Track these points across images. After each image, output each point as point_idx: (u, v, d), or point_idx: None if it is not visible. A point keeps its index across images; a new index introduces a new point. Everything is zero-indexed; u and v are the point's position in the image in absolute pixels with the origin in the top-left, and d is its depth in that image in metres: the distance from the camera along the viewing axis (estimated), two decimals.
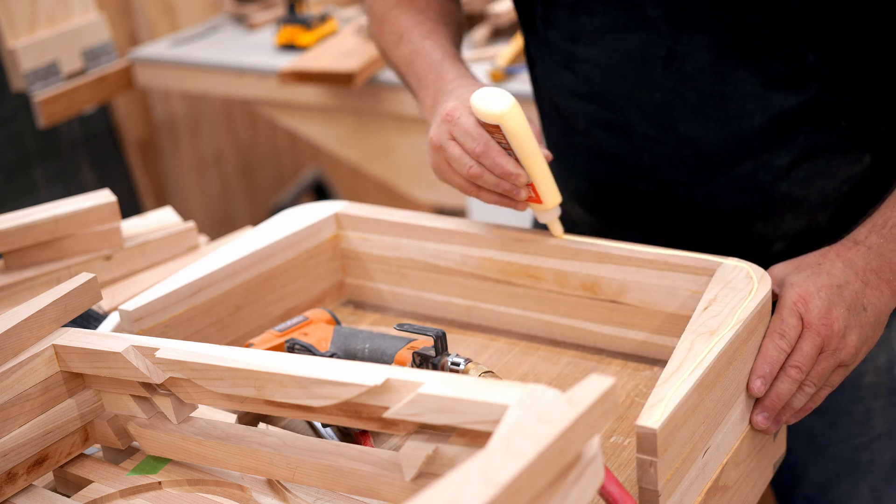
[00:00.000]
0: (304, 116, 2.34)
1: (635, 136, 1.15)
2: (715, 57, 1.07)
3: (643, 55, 1.10)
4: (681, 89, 1.10)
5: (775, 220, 1.14)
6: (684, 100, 1.10)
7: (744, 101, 1.08)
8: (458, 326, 1.15)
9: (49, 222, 1.19)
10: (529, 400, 0.67)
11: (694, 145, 1.12)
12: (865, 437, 1.23)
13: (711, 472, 0.86)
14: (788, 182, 1.11)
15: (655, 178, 1.16)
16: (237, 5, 2.69)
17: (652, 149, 1.14)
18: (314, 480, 0.81)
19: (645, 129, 1.14)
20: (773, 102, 1.08)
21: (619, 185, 1.19)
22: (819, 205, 1.13)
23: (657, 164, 1.15)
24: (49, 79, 2.35)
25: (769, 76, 1.07)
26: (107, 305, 1.16)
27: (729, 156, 1.11)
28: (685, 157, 1.13)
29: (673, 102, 1.11)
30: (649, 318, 1.03)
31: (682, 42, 1.08)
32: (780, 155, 1.10)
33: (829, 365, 0.95)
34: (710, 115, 1.10)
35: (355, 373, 0.75)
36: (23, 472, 0.86)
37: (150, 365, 0.84)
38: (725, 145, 1.11)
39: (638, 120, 1.14)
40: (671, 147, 1.13)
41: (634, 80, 1.12)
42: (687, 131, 1.12)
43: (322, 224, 1.18)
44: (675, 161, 1.14)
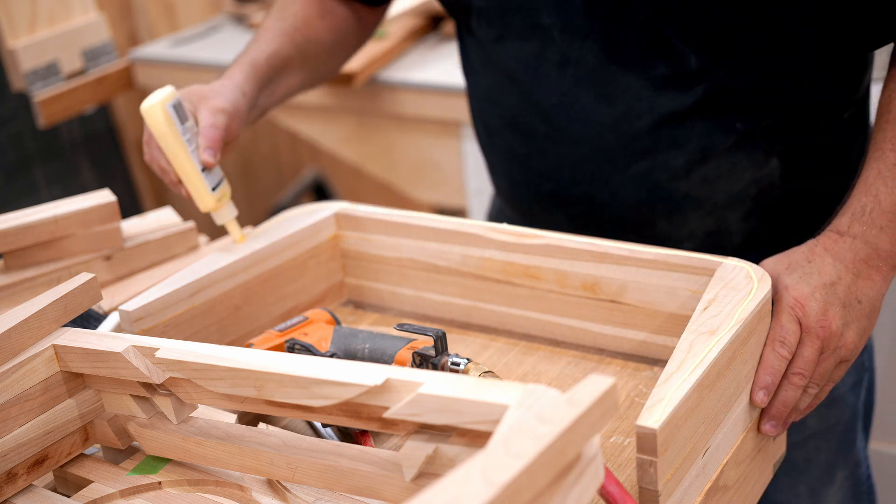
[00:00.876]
0: (304, 116, 2.34)
1: (537, 137, 1.20)
2: (604, 61, 1.11)
3: (539, 60, 1.15)
4: (574, 91, 1.14)
5: (678, 219, 1.17)
6: (578, 102, 1.14)
7: (632, 102, 1.12)
8: (458, 326, 1.15)
9: (49, 222, 1.19)
10: (529, 400, 0.67)
11: (589, 145, 1.16)
12: (799, 435, 1.24)
13: (711, 472, 0.86)
14: (689, 182, 1.14)
15: (558, 177, 1.20)
16: (237, 5, 2.69)
17: (552, 150, 1.19)
18: (314, 480, 0.81)
19: (545, 130, 1.18)
20: (661, 104, 1.11)
21: (531, 185, 1.24)
22: (726, 205, 1.16)
23: (559, 165, 1.20)
24: (49, 79, 2.35)
25: (655, 78, 1.10)
26: (107, 305, 1.16)
27: (623, 156, 1.15)
28: (583, 157, 1.17)
29: (568, 104, 1.15)
30: (649, 318, 1.03)
31: (573, 47, 1.12)
32: (674, 156, 1.13)
33: (830, 364, 0.96)
34: (602, 117, 1.14)
35: (355, 373, 0.75)
36: (23, 472, 0.86)
37: (150, 365, 0.84)
38: (619, 145, 1.14)
39: (537, 122, 1.18)
40: (569, 147, 1.17)
41: (532, 84, 1.17)
42: (582, 132, 1.16)
43: (322, 224, 1.18)
44: (573, 161, 1.18)
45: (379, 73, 2.18)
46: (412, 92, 2.12)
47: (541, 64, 1.15)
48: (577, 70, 1.13)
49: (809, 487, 1.26)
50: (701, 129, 1.12)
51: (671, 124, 1.12)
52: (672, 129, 1.12)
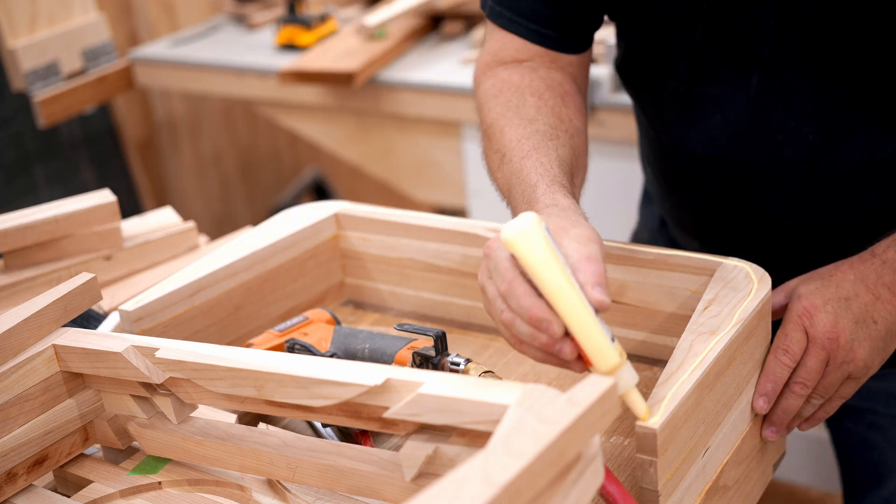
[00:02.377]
0: (304, 116, 2.34)
1: (756, 176, 1.11)
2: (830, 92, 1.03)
3: (764, 95, 1.06)
4: (803, 129, 1.06)
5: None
6: (807, 139, 1.06)
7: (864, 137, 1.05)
8: (458, 326, 1.15)
9: (49, 222, 1.19)
10: (529, 400, 0.67)
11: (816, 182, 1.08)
12: None
13: (711, 472, 0.86)
14: None
15: (772, 217, 1.13)
16: (237, 5, 2.69)
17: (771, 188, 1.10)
18: (314, 480, 0.81)
19: (767, 168, 1.09)
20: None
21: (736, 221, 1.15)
22: None
23: (778, 205, 1.11)
24: (49, 79, 2.35)
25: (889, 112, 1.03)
26: (107, 305, 1.16)
27: (853, 188, 1.08)
28: (806, 192, 1.09)
29: (796, 143, 1.07)
30: (649, 318, 1.03)
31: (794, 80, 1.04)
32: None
33: (836, 378, 0.95)
34: (833, 154, 1.06)
35: (355, 373, 0.75)
36: (23, 472, 0.86)
37: (150, 365, 0.84)
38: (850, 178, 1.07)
39: (759, 159, 1.09)
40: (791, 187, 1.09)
41: (754, 121, 1.07)
42: (809, 171, 1.07)
43: (322, 224, 1.18)
44: (795, 197, 1.10)
45: (379, 73, 2.17)
46: (412, 92, 2.12)
47: (765, 98, 1.06)
48: (806, 106, 1.04)
49: None
50: None
51: None
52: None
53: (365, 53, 2.18)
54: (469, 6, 2.29)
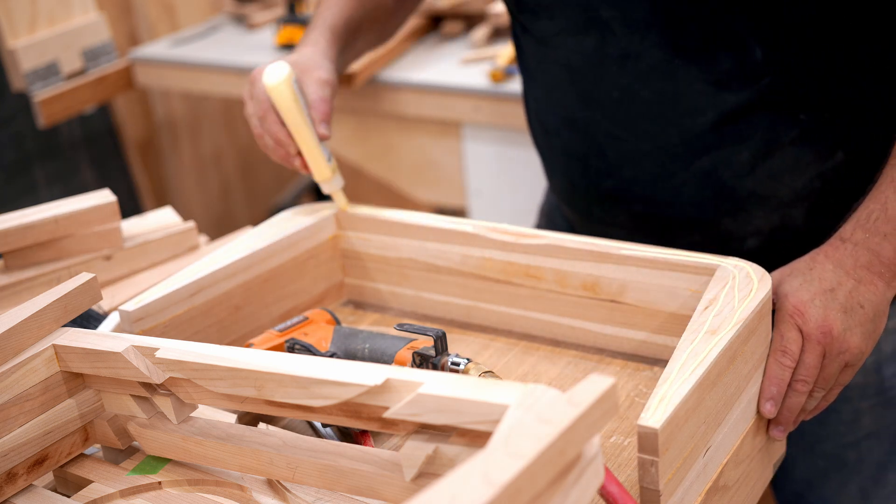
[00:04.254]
0: None
1: (598, 134, 1.17)
2: (666, 55, 1.09)
3: (600, 55, 1.13)
4: (635, 87, 1.12)
5: (743, 216, 1.15)
6: (639, 98, 1.12)
7: (695, 98, 1.10)
8: (458, 326, 1.15)
9: (49, 222, 1.19)
10: (529, 400, 0.67)
11: (651, 142, 1.14)
12: (853, 435, 1.23)
13: (712, 471, 0.86)
14: (753, 178, 1.12)
15: (620, 176, 1.18)
16: (237, 5, 2.69)
17: (614, 147, 1.17)
18: (314, 480, 0.81)
19: (606, 126, 1.16)
20: (725, 99, 1.09)
21: (590, 184, 1.22)
22: (791, 201, 1.14)
23: (620, 163, 1.17)
24: (49, 79, 2.35)
25: (718, 73, 1.08)
26: (107, 305, 1.16)
27: (686, 152, 1.13)
28: (644, 153, 1.15)
29: (629, 100, 1.13)
30: (649, 318, 1.03)
31: (634, 41, 1.10)
32: (738, 151, 1.11)
33: (835, 368, 0.96)
34: (664, 113, 1.12)
35: (355, 373, 0.75)
36: (23, 472, 0.86)
37: (150, 365, 0.84)
38: (681, 142, 1.12)
39: (599, 118, 1.16)
40: (631, 144, 1.15)
41: (593, 80, 1.15)
42: (643, 128, 1.14)
43: (322, 224, 1.18)
44: (635, 158, 1.16)
45: (379, 73, 2.17)
46: (412, 92, 2.12)
47: (601, 59, 1.13)
48: (639, 65, 1.11)
49: (860, 487, 1.26)
50: (765, 122, 1.10)
51: (735, 119, 1.10)
52: (736, 124, 1.10)
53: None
54: (469, 6, 2.29)
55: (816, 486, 1.27)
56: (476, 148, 2.14)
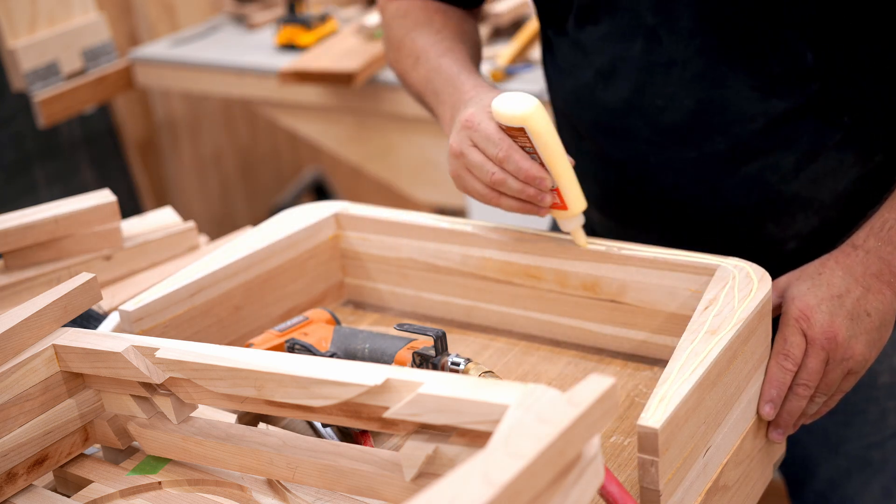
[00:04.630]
0: (304, 116, 2.34)
1: (639, 141, 1.14)
2: (712, 62, 1.07)
3: (644, 62, 1.11)
4: (680, 95, 1.10)
5: (786, 220, 1.13)
6: (684, 106, 1.10)
7: (743, 105, 1.08)
8: (458, 326, 1.15)
9: (49, 222, 1.19)
10: (529, 400, 0.67)
11: (697, 149, 1.12)
12: (879, 435, 1.23)
13: (712, 471, 0.86)
14: (798, 182, 1.11)
15: (662, 182, 1.16)
16: (237, 5, 2.69)
17: (656, 153, 1.14)
18: (314, 480, 0.81)
19: (648, 135, 1.13)
20: (774, 105, 1.07)
21: (627, 190, 1.19)
22: (831, 204, 1.13)
23: (662, 169, 1.15)
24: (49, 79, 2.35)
25: (768, 79, 1.07)
26: (107, 305, 1.16)
27: (733, 158, 1.11)
28: (689, 161, 1.13)
29: (674, 108, 1.11)
30: (649, 318, 1.03)
31: (680, 49, 1.08)
32: (784, 156, 1.10)
33: (837, 375, 0.96)
34: (711, 121, 1.10)
35: (355, 373, 0.75)
36: (23, 472, 0.86)
37: (150, 365, 0.84)
38: (728, 148, 1.10)
39: (640, 126, 1.13)
40: (674, 152, 1.13)
41: (636, 87, 1.12)
42: (689, 137, 1.11)
43: (322, 224, 1.18)
44: (679, 165, 1.13)
45: (379, 73, 2.17)
46: None
47: (646, 66, 1.11)
48: (685, 73, 1.09)
49: (883, 486, 1.26)
50: (811, 126, 1.08)
51: (783, 125, 1.08)
52: (784, 130, 1.09)
53: (365, 53, 2.19)
54: None
55: (839, 485, 1.26)
56: None
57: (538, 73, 2.02)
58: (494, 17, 2.27)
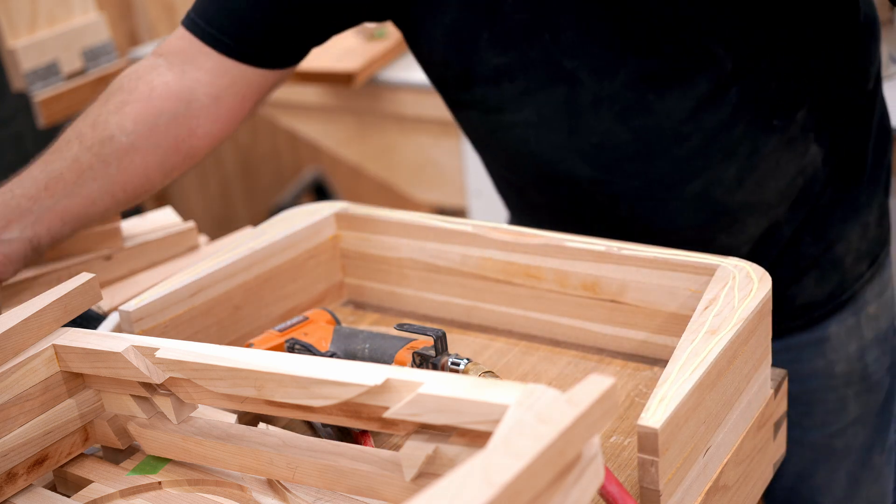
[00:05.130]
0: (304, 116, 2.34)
1: (583, 182, 1.16)
2: (640, 93, 1.09)
3: (571, 106, 1.11)
4: (615, 130, 1.11)
5: (737, 228, 1.17)
6: (620, 139, 1.12)
7: (677, 125, 1.10)
8: (458, 326, 1.15)
9: None
10: (529, 400, 0.67)
11: (642, 177, 1.14)
12: (840, 423, 1.25)
13: (712, 471, 0.86)
14: (742, 191, 1.14)
15: (614, 216, 1.18)
16: None
17: (602, 190, 1.16)
18: (314, 480, 0.81)
19: (590, 173, 1.15)
20: (705, 119, 1.09)
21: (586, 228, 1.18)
22: (777, 203, 1.16)
23: (613, 203, 1.17)
24: (49, 79, 2.35)
25: (694, 95, 1.08)
26: (107, 305, 1.16)
27: (679, 180, 1.13)
28: (636, 189, 1.15)
29: (610, 143, 1.12)
30: (649, 318, 1.03)
31: (604, 86, 1.09)
32: (726, 168, 1.12)
33: None
34: (650, 147, 1.12)
35: (355, 373, 0.75)
36: (23, 472, 0.86)
37: (150, 365, 0.84)
38: (672, 170, 1.13)
39: (581, 167, 1.15)
40: (620, 185, 1.15)
41: (567, 132, 1.13)
42: (630, 167, 1.13)
43: (322, 224, 1.18)
44: (628, 195, 1.16)
45: (379, 73, 2.18)
46: (412, 92, 2.13)
47: (573, 110, 1.11)
48: (614, 107, 1.10)
49: (848, 472, 1.27)
50: (743, 135, 1.11)
51: (718, 137, 1.11)
52: (719, 142, 1.11)
53: (365, 53, 2.19)
54: None
55: (806, 477, 1.28)
56: None
57: None
58: None
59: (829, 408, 1.25)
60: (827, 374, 1.24)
